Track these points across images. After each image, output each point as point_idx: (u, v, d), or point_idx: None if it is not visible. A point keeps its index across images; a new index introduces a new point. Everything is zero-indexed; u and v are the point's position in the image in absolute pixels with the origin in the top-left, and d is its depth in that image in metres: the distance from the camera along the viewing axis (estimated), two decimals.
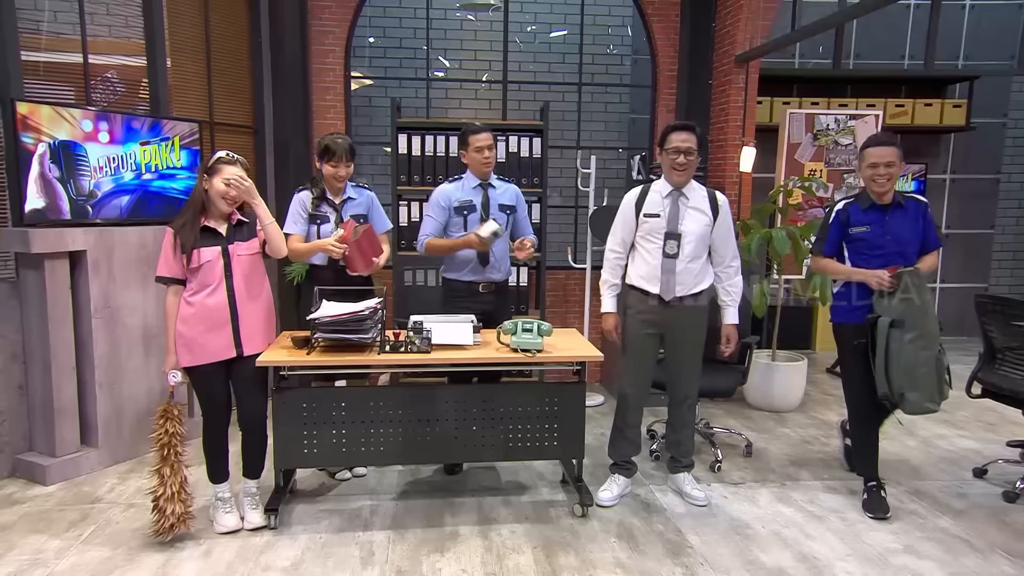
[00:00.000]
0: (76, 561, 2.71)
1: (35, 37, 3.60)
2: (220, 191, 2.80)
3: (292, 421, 2.96)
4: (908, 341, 2.96)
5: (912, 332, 2.96)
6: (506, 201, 3.49)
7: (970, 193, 6.94)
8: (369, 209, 3.39)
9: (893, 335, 2.98)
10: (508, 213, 3.48)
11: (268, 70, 4.78)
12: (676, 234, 3.09)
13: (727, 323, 3.25)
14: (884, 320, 3.00)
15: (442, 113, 6.05)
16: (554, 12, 6.26)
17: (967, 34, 6.72)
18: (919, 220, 3.10)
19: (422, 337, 2.96)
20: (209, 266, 2.80)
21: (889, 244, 3.10)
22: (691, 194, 3.12)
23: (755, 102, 5.08)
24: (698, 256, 3.12)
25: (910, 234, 3.09)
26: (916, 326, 2.96)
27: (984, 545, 2.95)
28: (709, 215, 3.11)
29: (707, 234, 3.12)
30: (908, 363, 2.96)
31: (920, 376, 2.97)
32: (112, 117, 3.64)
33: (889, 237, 3.09)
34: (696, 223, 3.10)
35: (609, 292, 3.27)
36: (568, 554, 2.82)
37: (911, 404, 3.00)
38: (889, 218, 3.10)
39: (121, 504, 3.20)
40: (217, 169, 2.81)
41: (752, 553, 2.84)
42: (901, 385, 2.99)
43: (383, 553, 2.81)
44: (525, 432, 3.11)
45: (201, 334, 2.81)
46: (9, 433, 3.46)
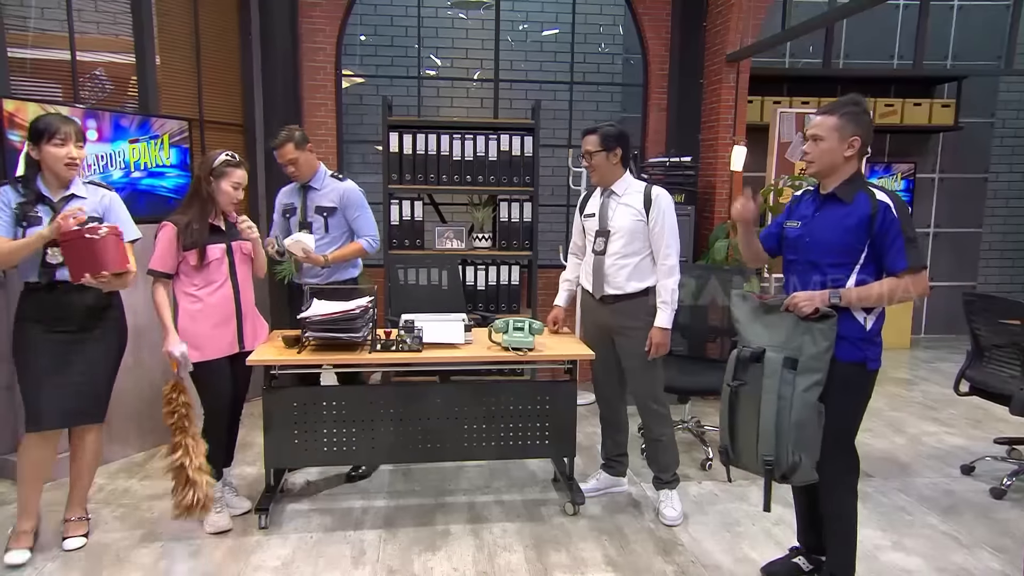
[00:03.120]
0: (62, 565, 2.70)
1: (22, 33, 3.57)
2: (229, 195, 2.84)
3: (283, 420, 2.95)
4: (803, 389, 2.24)
5: (808, 376, 2.24)
6: (325, 203, 3.45)
7: (958, 192, 7.00)
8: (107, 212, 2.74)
9: (785, 377, 2.26)
10: (325, 216, 3.45)
11: (258, 68, 4.76)
12: (605, 231, 3.06)
13: (653, 326, 2.98)
14: (774, 357, 2.28)
15: (434, 111, 6.04)
16: (546, 11, 6.26)
17: (955, 34, 6.77)
18: (862, 226, 2.23)
19: (413, 336, 2.96)
20: (216, 263, 2.84)
21: (803, 249, 2.38)
22: (624, 191, 3.06)
23: (746, 101, 5.10)
24: (631, 254, 3.00)
25: (835, 240, 2.28)
26: (815, 368, 2.24)
27: (971, 541, 2.98)
28: (641, 211, 2.99)
29: (640, 230, 2.99)
30: (803, 416, 2.24)
31: (808, 437, 2.25)
32: (101, 115, 3.61)
33: (807, 239, 2.36)
34: (625, 219, 3.01)
35: (562, 287, 3.37)
36: (559, 552, 2.83)
37: (803, 471, 2.25)
38: (819, 213, 2.36)
39: (111, 504, 3.19)
40: (224, 172, 2.82)
41: (742, 550, 2.86)
42: (795, 445, 2.23)
43: (374, 552, 2.81)
44: (517, 430, 3.11)
45: (208, 330, 2.84)
46: None
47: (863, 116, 2.28)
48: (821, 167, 2.32)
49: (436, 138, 4.42)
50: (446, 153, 4.42)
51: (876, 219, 2.21)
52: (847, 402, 2.31)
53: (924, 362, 6.12)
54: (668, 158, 4.91)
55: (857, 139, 2.26)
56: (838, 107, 2.29)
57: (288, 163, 3.35)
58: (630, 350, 3.07)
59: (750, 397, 2.34)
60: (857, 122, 2.26)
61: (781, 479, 2.30)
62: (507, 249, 4.57)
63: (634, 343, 3.04)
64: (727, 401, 2.42)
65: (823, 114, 2.30)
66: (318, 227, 3.41)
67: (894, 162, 6.69)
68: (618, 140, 3.01)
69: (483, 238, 4.61)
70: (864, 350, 2.28)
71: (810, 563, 2.63)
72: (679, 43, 5.30)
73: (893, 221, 2.20)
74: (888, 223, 2.20)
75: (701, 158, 5.29)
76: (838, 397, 2.28)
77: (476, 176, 4.46)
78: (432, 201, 4.77)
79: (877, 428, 4.39)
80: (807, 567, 2.63)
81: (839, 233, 2.27)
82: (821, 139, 2.29)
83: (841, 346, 2.26)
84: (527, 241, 4.57)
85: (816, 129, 2.30)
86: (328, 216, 3.43)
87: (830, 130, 2.27)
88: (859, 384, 2.31)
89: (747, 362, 2.34)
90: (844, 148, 2.27)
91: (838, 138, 2.26)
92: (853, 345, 2.27)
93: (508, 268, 4.58)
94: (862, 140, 2.27)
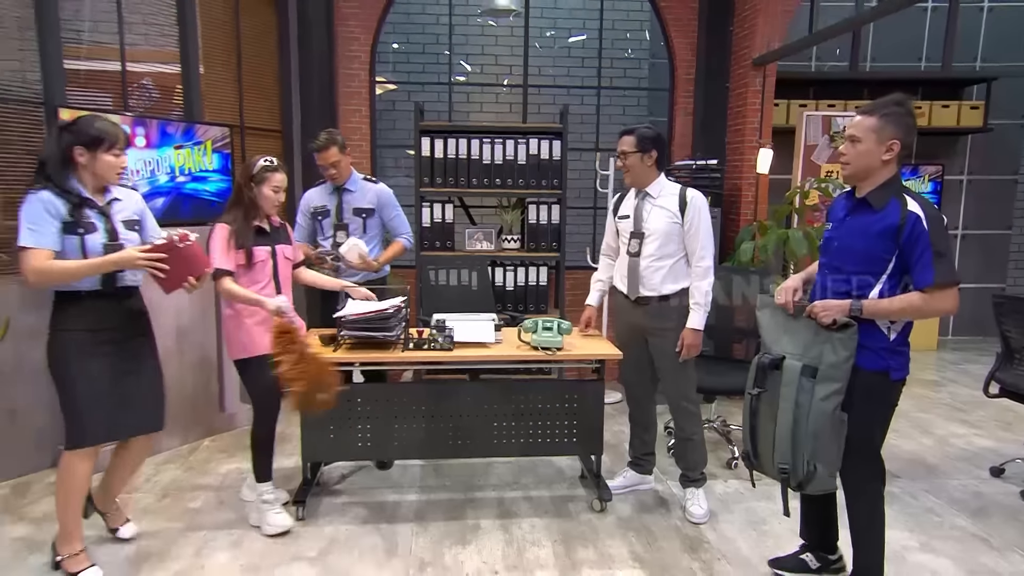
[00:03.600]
0: (115, 549, 2.76)
1: (76, 47, 3.66)
2: (271, 199, 2.86)
3: (319, 416, 2.97)
4: (820, 398, 2.17)
5: (827, 385, 2.17)
6: (363, 204, 3.48)
7: (987, 194, 6.81)
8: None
9: (803, 386, 2.20)
10: (364, 217, 3.47)
11: (296, 76, 4.81)
12: (640, 233, 3.02)
13: (686, 327, 2.94)
14: (793, 365, 2.22)
15: (464, 117, 6.05)
16: (573, 17, 6.24)
17: (985, 35, 6.58)
18: (888, 235, 2.10)
19: (445, 335, 2.97)
20: (261, 264, 2.86)
21: (831, 252, 2.28)
22: (658, 193, 3.01)
23: (772, 104, 5.02)
24: (666, 256, 2.97)
25: (859, 247, 2.17)
26: (834, 377, 2.17)
27: (1001, 543, 2.89)
28: (676, 213, 2.96)
29: (675, 232, 2.96)
30: (818, 426, 2.18)
31: (825, 447, 2.19)
32: (148, 122, 3.69)
33: (836, 243, 2.27)
34: (660, 221, 2.97)
35: (594, 287, 3.31)
36: (587, 548, 2.81)
37: (819, 481, 2.21)
38: (849, 217, 2.25)
39: (156, 494, 3.25)
40: (264, 177, 2.84)
41: (768, 548, 2.81)
42: (811, 454, 2.19)
43: (407, 545, 2.82)
44: (545, 428, 3.10)
45: (252, 327, 2.84)
46: (51, 426, 3.51)
47: (905, 118, 2.12)
48: (856, 170, 2.18)
49: (466, 142, 4.42)
50: (476, 157, 4.42)
51: (904, 230, 2.06)
52: (870, 411, 2.23)
53: (951, 364, 5.97)
54: (694, 161, 4.85)
55: (896, 142, 2.11)
56: (879, 107, 2.13)
57: (331, 166, 3.38)
58: (664, 350, 3.03)
59: (769, 404, 2.30)
60: (897, 124, 2.11)
61: (797, 487, 2.25)
62: (535, 250, 4.56)
63: (668, 344, 3.00)
64: (748, 407, 2.37)
65: (863, 114, 2.15)
66: (355, 228, 3.44)
67: (921, 164, 6.54)
68: (654, 142, 2.98)
69: (512, 240, 4.60)
70: (887, 360, 2.20)
71: (817, 560, 2.59)
72: (705, 47, 5.24)
73: (922, 233, 2.04)
74: (917, 235, 2.05)
75: (727, 161, 5.22)
76: (861, 406, 2.21)
77: (505, 179, 4.46)
78: (462, 204, 4.78)
79: (904, 430, 4.29)
80: (814, 564, 2.59)
81: (864, 240, 2.16)
82: (858, 140, 2.14)
83: (864, 355, 2.19)
84: (555, 243, 4.55)
85: (854, 129, 2.15)
86: (367, 217, 3.47)
87: (868, 131, 2.12)
88: (882, 393, 2.23)
89: (767, 369, 2.30)
90: (882, 151, 2.12)
91: (876, 140, 2.11)
92: (876, 354, 2.19)
93: (536, 269, 4.56)
94: (901, 143, 2.12)
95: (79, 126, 2.38)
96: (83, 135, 2.37)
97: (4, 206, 3.41)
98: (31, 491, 3.27)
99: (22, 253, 2.27)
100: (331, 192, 3.50)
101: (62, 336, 2.41)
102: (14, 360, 3.33)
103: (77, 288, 2.39)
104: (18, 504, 3.13)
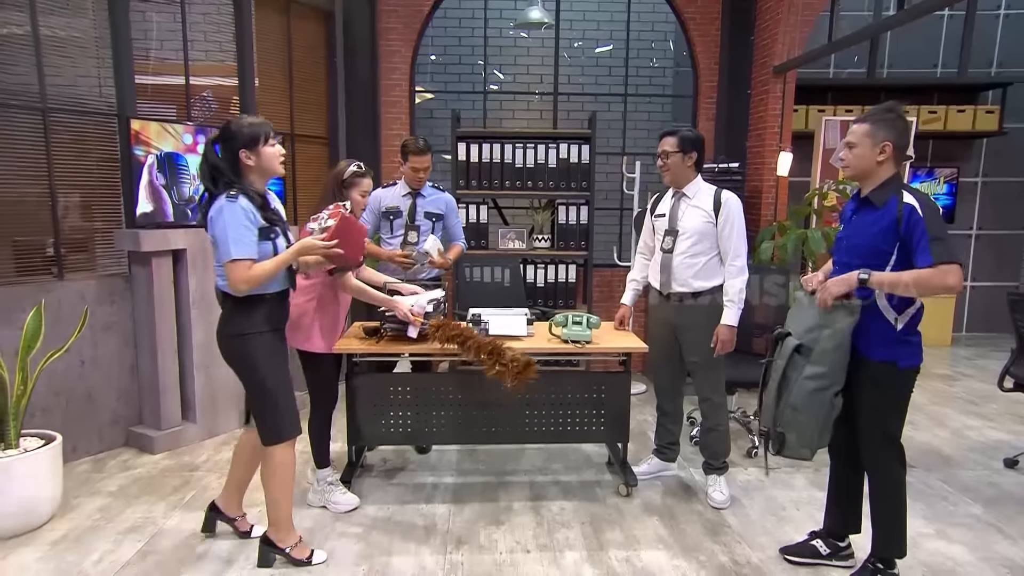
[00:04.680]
0: (179, 521, 2.84)
1: (145, 62, 3.76)
2: (359, 202, 2.85)
3: (364, 403, 3.02)
4: (806, 376, 2.24)
5: (814, 367, 2.23)
6: (433, 209, 3.47)
7: (1002, 195, 6.61)
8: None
9: (794, 362, 2.28)
10: (433, 220, 3.47)
11: (342, 87, 4.87)
12: (674, 231, 2.98)
13: (720, 323, 2.91)
14: (791, 341, 2.30)
15: (497, 123, 6.07)
16: (601, 29, 6.21)
17: (1001, 41, 6.38)
18: (890, 230, 2.15)
19: (480, 328, 2.99)
20: None
21: (841, 250, 2.35)
22: (694, 193, 2.98)
23: (792, 110, 4.94)
24: (699, 254, 2.93)
25: (864, 244, 2.23)
26: (822, 361, 2.23)
27: (1015, 532, 2.82)
28: (710, 213, 2.92)
29: (709, 231, 2.92)
30: (797, 400, 2.26)
31: (801, 421, 2.26)
32: (208, 131, 3.77)
33: (844, 241, 2.34)
34: (695, 220, 2.93)
35: (628, 287, 3.27)
36: (614, 530, 2.81)
37: (789, 447, 2.31)
38: (854, 216, 2.32)
39: (216, 472, 3.33)
40: (354, 182, 2.82)
41: (787, 533, 2.78)
42: (786, 423, 2.29)
43: (444, 524, 2.85)
44: (574, 417, 3.10)
45: (321, 325, 2.80)
46: (124, 408, 3.63)
47: (896, 121, 2.18)
48: (855, 172, 2.26)
49: (500, 147, 4.44)
50: (509, 161, 4.44)
51: (902, 222, 2.12)
52: (880, 399, 2.24)
53: (965, 359, 5.81)
54: (717, 164, 4.80)
55: (888, 144, 2.17)
56: (872, 114, 2.21)
57: (423, 170, 3.38)
58: (695, 346, 3.01)
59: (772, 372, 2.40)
60: (889, 127, 2.17)
61: (776, 452, 2.33)
62: (565, 249, 4.56)
63: (699, 339, 2.97)
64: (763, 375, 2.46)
65: (858, 122, 2.23)
66: (425, 230, 3.44)
67: (937, 166, 6.37)
68: (695, 144, 2.96)
69: (542, 239, 4.61)
70: (895, 349, 2.20)
71: (827, 547, 2.56)
72: (728, 56, 5.17)
73: (918, 221, 2.09)
74: (914, 224, 2.10)
75: (748, 164, 5.16)
76: (870, 395, 2.23)
77: (536, 182, 4.47)
78: (496, 205, 4.80)
79: (919, 422, 4.20)
80: (825, 551, 2.56)
81: (868, 237, 2.21)
82: (855, 145, 2.22)
83: (871, 346, 2.22)
84: (583, 242, 4.55)
85: (850, 136, 2.24)
86: (436, 221, 3.48)
87: (862, 136, 2.20)
88: (890, 382, 2.22)
89: (776, 341, 2.39)
90: (876, 153, 2.19)
91: (870, 144, 2.18)
92: (882, 345, 2.21)
93: (566, 267, 4.57)
94: (894, 144, 2.17)
95: (233, 131, 2.27)
96: (243, 137, 2.27)
97: (82, 209, 3.52)
98: (107, 467, 3.38)
99: (232, 265, 2.19)
100: (404, 194, 3.47)
101: (253, 340, 2.32)
102: (91, 348, 3.44)
103: (264, 291, 2.30)
104: (96, 479, 3.24)
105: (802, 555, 2.58)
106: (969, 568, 2.56)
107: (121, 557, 2.56)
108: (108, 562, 2.53)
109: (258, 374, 2.34)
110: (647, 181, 4.90)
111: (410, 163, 3.38)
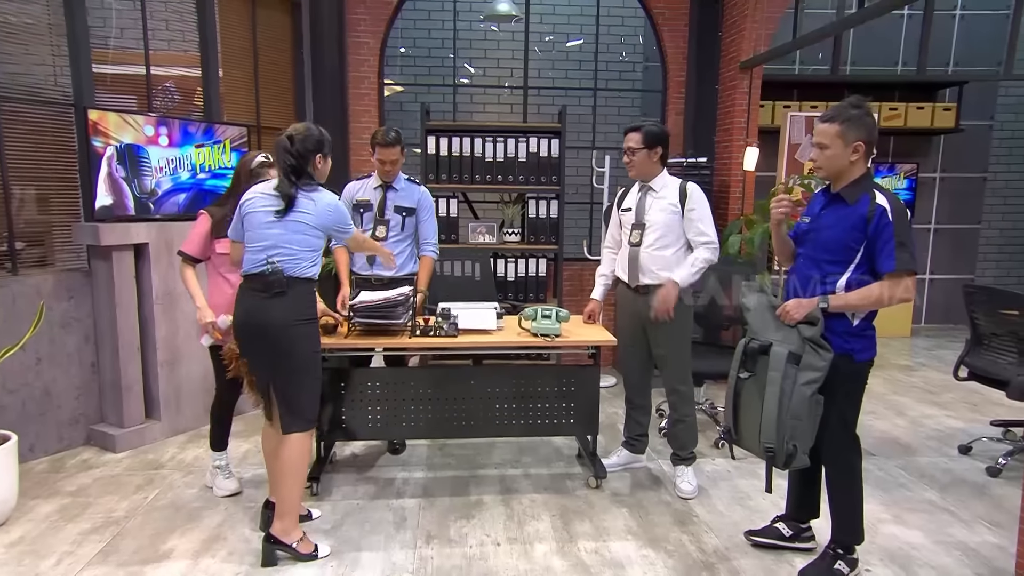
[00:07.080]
0: (143, 520, 2.78)
1: (104, 51, 3.65)
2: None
3: (332, 398, 2.99)
4: (802, 383, 2.21)
5: (808, 372, 2.20)
6: (404, 203, 3.36)
7: (958, 191, 6.81)
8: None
9: (787, 372, 2.22)
10: (403, 215, 3.36)
11: (309, 78, 4.79)
12: (641, 224, 3.01)
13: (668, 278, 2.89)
14: (779, 351, 2.24)
15: (468, 117, 6.04)
16: (571, 23, 6.21)
17: (957, 42, 6.56)
18: (858, 226, 2.16)
19: (450, 322, 2.97)
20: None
21: (808, 243, 2.33)
22: (661, 187, 3.00)
23: (758, 106, 5.00)
24: (666, 247, 2.95)
25: (833, 238, 2.23)
26: (814, 367, 2.21)
27: (969, 516, 2.92)
28: (676, 205, 2.94)
29: (675, 224, 2.94)
30: (798, 409, 2.21)
31: (803, 429, 2.22)
32: (171, 123, 3.68)
33: (812, 234, 2.31)
34: (661, 213, 2.95)
35: (598, 282, 3.27)
36: (583, 522, 2.83)
37: (798, 460, 2.25)
38: (825, 211, 2.30)
39: (181, 470, 3.27)
40: (261, 173, 2.78)
41: (753, 521, 2.82)
42: (791, 435, 2.22)
43: (414, 519, 2.84)
44: (544, 410, 3.11)
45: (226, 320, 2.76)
46: (83, 406, 3.53)
47: (865, 119, 2.19)
48: (828, 173, 2.26)
49: (470, 141, 4.42)
50: (479, 155, 4.42)
51: (872, 221, 2.14)
52: (839, 391, 2.28)
53: (924, 350, 5.98)
54: (685, 158, 4.84)
55: (860, 143, 2.18)
56: (840, 113, 2.19)
57: (389, 163, 3.27)
58: (662, 338, 3.03)
59: (755, 386, 2.33)
60: (859, 126, 2.17)
61: (783, 466, 2.29)
62: (535, 243, 4.57)
63: (667, 331, 2.99)
64: (732, 388, 2.41)
65: (826, 121, 2.21)
66: (395, 224, 3.33)
67: (897, 162, 6.52)
68: (659, 139, 2.97)
69: (513, 233, 4.60)
70: (851, 343, 2.26)
71: (790, 529, 2.62)
72: (696, 52, 5.21)
73: (887, 225, 2.13)
74: (883, 226, 2.13)
75: (716, 159, 5.21)
76: (829, 387, 2.26)
77: (506, 176, 4.46)
78: (466, 199, 4.77)
79: (879, 411, 4.31)
80: (787, 532, 2.62)
81: (838, 232, 2.22)
82: (826, 147, 2.21)
83: (830, 339, 2.25)
84: (553, 236, 4.56)
85: (820, 137, 2.22)
86: (406, 216, 3.35)
87: (834, 138, 2.19)
88: (847, 373, 2.27)
89: (755, 354, 2.32)
90: (849, 153, 2.20)
91: (842, 145, 2.18)
92: (840, 338, 2.26)
93: (536, 261, 4.57)
94: (866, 144, 2.19)
95: (314, 137, 2.39)
96: (325, 143, 2.44)
97: (38, 202, 3.41)
98: (66, 466, 3.29)
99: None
100: (376, 187, 3.38)
101: (314, 326, 2.45)
102: (48, 345, 3.34)
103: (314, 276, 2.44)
104: (55, 479, 3.15)
105: (765, 536, 2.63)
106: (925, 552, 2.64)
107: (81, 559, 2.50)
108: (67, 564, 2.46)
109: (316, 359, 2.44)
110: (617, 175, 4.92)
111: (377, 155, 3.30)
